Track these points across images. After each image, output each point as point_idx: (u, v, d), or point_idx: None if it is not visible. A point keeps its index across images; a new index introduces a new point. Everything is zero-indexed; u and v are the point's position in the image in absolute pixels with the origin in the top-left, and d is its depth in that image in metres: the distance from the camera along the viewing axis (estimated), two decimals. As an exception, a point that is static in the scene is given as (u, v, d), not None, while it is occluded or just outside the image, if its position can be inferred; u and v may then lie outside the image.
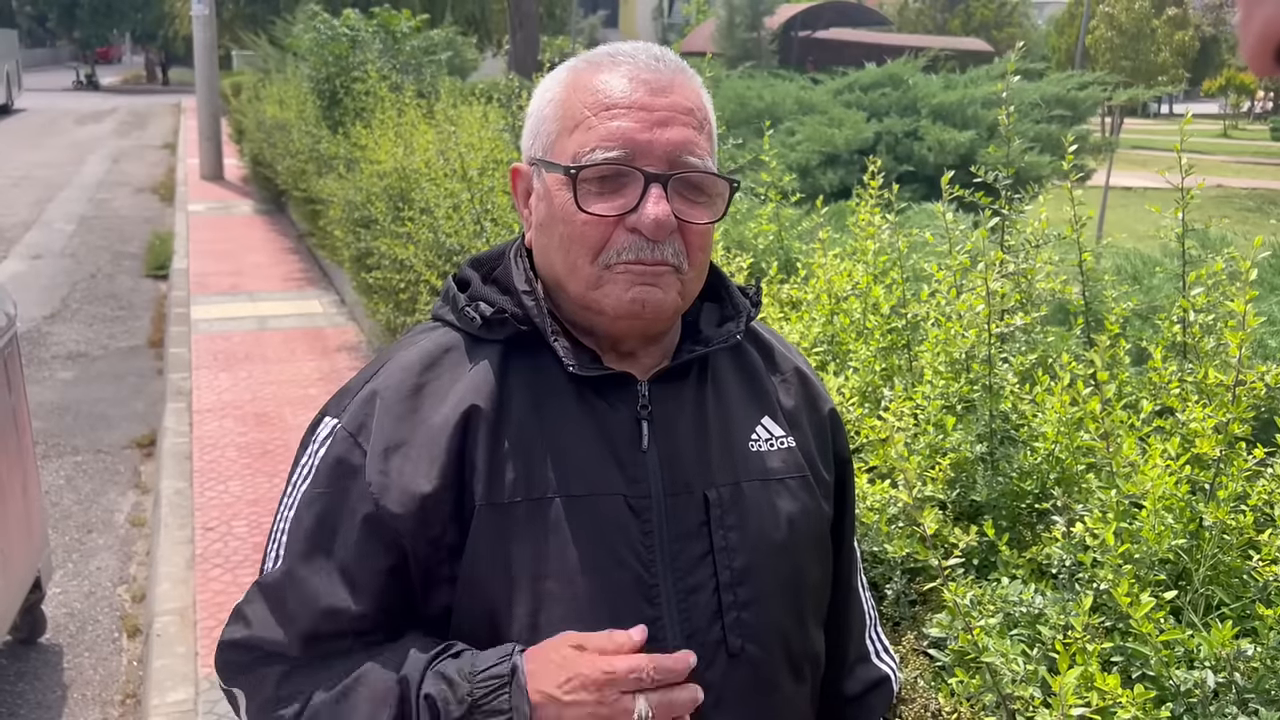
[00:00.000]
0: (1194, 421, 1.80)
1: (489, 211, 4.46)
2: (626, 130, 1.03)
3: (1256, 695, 1.45)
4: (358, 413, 1.08)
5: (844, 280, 2.65)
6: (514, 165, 1.15)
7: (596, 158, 1.03)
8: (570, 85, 1.09)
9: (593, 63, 1.10)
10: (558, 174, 1.05)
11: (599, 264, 1.05)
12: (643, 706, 0.97)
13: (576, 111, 1.06)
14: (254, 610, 1.08)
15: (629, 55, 1.08)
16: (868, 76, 10.26)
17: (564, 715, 0.96)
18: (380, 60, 8.57)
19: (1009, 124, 2.43)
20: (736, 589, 1.08)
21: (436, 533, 1.04)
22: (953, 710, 1.68)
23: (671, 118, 1.05)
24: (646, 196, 1.02)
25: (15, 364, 3.30)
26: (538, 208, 1.10)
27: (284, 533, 1.09)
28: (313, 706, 1.03)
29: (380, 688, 1.01)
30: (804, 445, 1.19)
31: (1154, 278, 3.55)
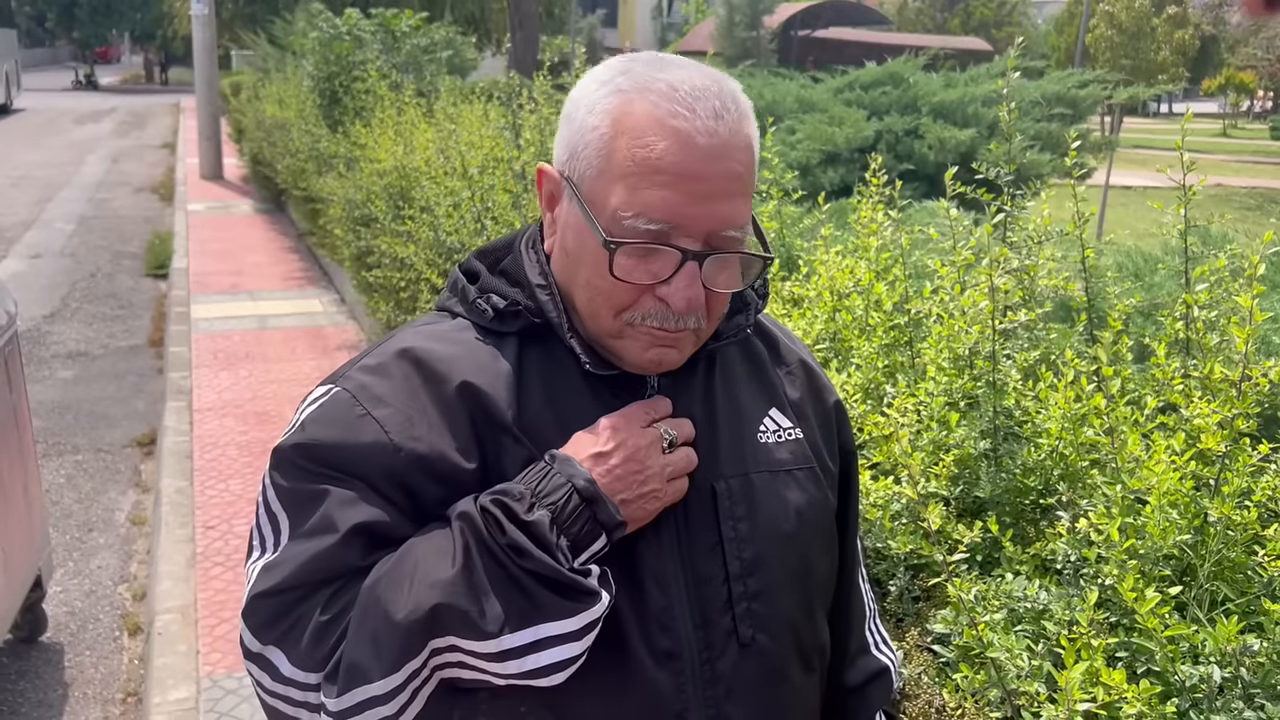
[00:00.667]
0: (1198, 417, 1.80)
1: (489, 210, 4.46)
2: (672, 203, 0.98)
3: (1262, 690, 1.45)
4: (363, 380, 1.06)
5: (846, 277, 2.65)
6: (541, 165, 1.09)
7: (637, 227, 0.98)
8: (619, 122, 1.00)
9: (646, 95, 1.00)
10: (592, 229, 1.01)
11: (621, 319, 1.04)
12: (665, 427, 1.06)
13: (622, 161, 0.99)
14: (280, 556, 1.02)
15: (688, 104, 0.98)
16: (868, 75, 10.26)
17: (611, 463, 1.01)
18: (380, 59, 8.57)
19: (1010, 120, 2.42)
20: (746, 579, 1.09)
21: (457, 496, 1.03)
22: (957, 706, 1.67)
23: (720, 189, 0.99)
24: (681, 273, 1.00)
25: (16, 363, 3.29)
26: (564, 232, 1.06)
27: (271, 498, 1.05)
28: (364, 589, 0.98)
29: (435, 541, 0.99)
30: (810, 437, 1.20)
31: (1155, 275, 3.55)
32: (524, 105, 5.27)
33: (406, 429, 1.03)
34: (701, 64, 1.05)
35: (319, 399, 1.08)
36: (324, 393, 1.08)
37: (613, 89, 1.02)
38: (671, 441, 1.05)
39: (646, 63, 1.03)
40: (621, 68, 1.04)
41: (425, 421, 1.03)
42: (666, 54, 1.06)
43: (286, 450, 1.05)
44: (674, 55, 1.05)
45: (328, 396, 1.07)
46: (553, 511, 0.98)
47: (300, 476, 1.04)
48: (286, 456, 1.05)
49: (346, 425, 1.03)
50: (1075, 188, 2.43)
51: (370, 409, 1.04)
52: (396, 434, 1.02)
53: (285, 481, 1.05)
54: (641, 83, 1.01)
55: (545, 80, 5.37)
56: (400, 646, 0.95)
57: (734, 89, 1.03)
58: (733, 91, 1.02)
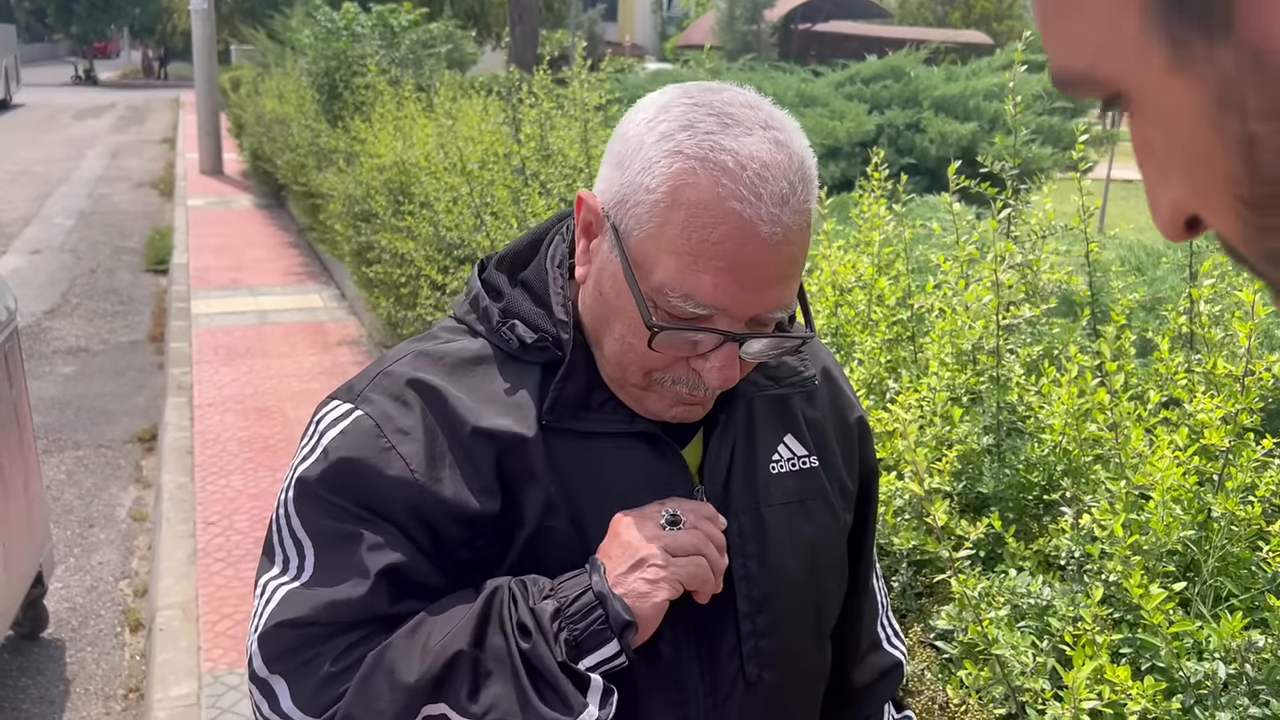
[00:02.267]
0: (1202, 412, 1.79)
1: (489, 205, 4.45)
2: (723, 290, 0.92)
3: (1267, 687, 1.44)
4: (387, 407, 1.02)
5: (848, 272, 2.64)
6: (582, 194, 1.01)
7: (683, 308, 0.94)
8: (677, 192, 0.92)
9: (711, 168, 0.91)
10: (635, 295, 0.95)
11: (650, 378, 1.00)
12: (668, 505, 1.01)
13: (676, 235, 0.92)
14: (305, 588, 1.00)
15: (754, 189, 0.90)
16: (869, 69, 10.25)
17: (639, 585, 0.96)
18: (380, 54, 8.56)
19: (1015, 113, 2.41)
20: (755, 617, 1.07)
21: (480, 542, 1.01)
22: (961, 703, 1.67)
23: (775, 276, 0.94)
24: (720, 351, 0.96)
25: (16, 359, 3.29)
26: (601, 276, 1.00)
27: (291, 518, 1.02)
28: (377, 652, 0.96)
29: (450, 608, 0.98)
30: (828, 459, 1.16)
31: (1159, 269, 3.54)
32: (523, 100, 5.26)
33: (430, 469, 1.00)
34: (770, 116, 0.95)
35: (340, 422, 1.03)
36: (344, 414, 1.04)
37: (673, 148, 0.93)
38: (673, 517, 0.99)
39: (711, 115, 0.93)
40: (683, 118, 0.93)
41: (446, 460, 1.00)
42: (730, 98, 0.95)
43: (312, 484, 1.02)
44: (739, 99, 0.96)
45: (350, 421, 1.03)
46: (560, 604, 0.95)
47: (328, 511, 1.01)
48: (312, 490, 1.01)
49: (373, 458, 1.00)
50: (1080, 181, 2.42)
51: (395, 443, 1.00)
52: (421, 472, 0.99)
53: (311, 512, 1.01)
54: (706, 151, 0.91)
55: (545, 75, 5.36)
56: (402, 708, 0.94)
57: (802, 157, 0.95)
58: (800, 162, 0.94)
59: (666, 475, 1.04)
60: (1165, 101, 0.38)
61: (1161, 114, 0.39)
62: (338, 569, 0.99)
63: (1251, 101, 0.35)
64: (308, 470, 1.02)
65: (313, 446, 1.04)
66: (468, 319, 1.10)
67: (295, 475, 1.03)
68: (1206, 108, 0.37)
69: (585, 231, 1.02)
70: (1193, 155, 0.39)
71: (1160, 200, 0.42)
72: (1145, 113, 0.41)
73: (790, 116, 0.98)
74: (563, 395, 1.02)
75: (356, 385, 1.07)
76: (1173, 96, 0.38)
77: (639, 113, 0.98)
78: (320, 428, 1.04)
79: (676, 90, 0.97)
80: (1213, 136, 0.37)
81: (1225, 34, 0.35)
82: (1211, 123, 0.37)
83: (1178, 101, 0.38)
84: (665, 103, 0.96)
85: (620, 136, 0.99)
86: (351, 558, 0.99)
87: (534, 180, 4.49)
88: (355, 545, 0.99)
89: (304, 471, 1.03)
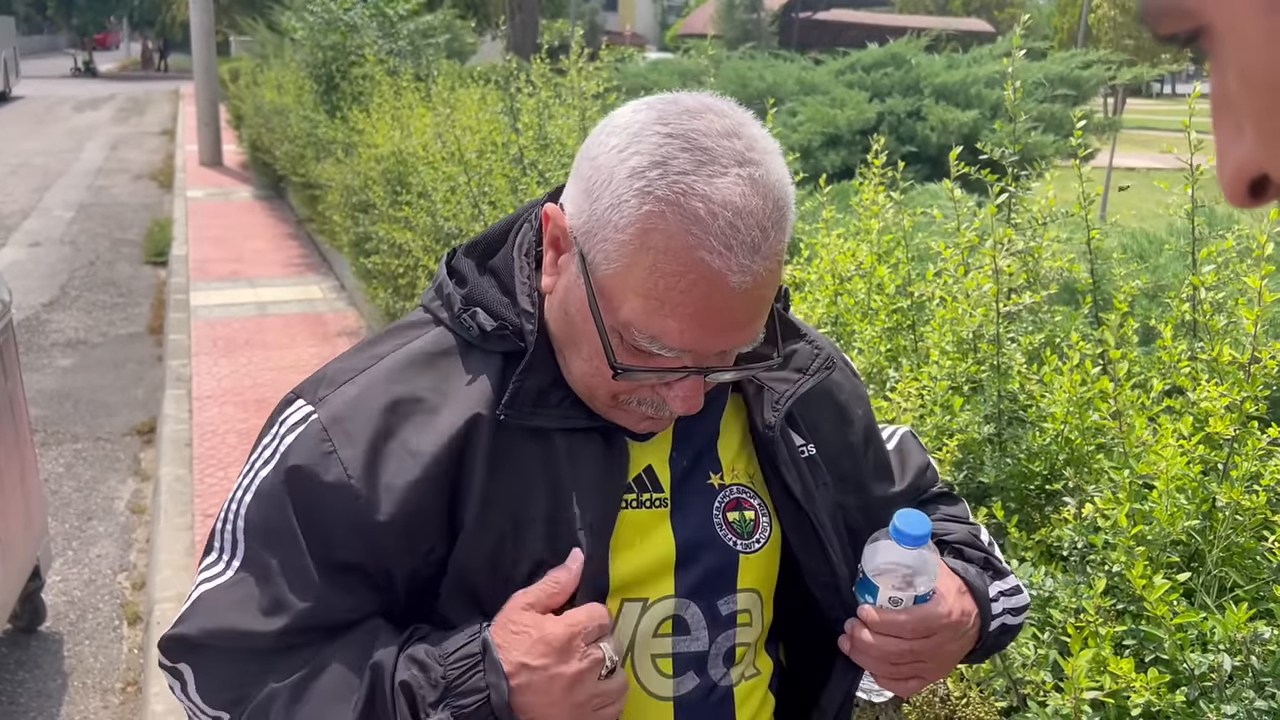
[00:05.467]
0: (1206, 400, 1.77)
1: (486, 195, 4.42)
2: (689, 335, 0.91)
3: (1273, 679, 1.42)
4: (339, 410, 1.01)
5: (848, 260, 2.62)
6: (549, 210, 0.98)
7: (649, 349, 0.93)
8: (646, 236, 0.89)
9: (681, 211, 0.88)
10: (598, 333, 0.94)
11: (617, 399, 1.00)
12: (609, 651, 0.96)
13: (643, 278, 0.90)
14: (211, 600, 1.02)
15: (724, 239, 0.87)
16: (870, 57, 10.19)
17: (537, 681, 0.94)
18: (377, 44, 8.52)
19: (1015, 100, 2.39)
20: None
21: (424, 547, 1.00)
22: (962, 695, 1.65)
23: (745, 319, 0.93)
24: (685, 382, 0.96)
25: (11, 351, 3.27)
26: (567, 296, 0.98)
27: (239, 517, 1.04)
28: (266, 695, 0.98)
29: (345, 677, 0.97)
30: (826, 449, 1.14)
31: (1161, 256, 3.52)
32: (521, 89, 5.23)
33: (368, 475, 0.98)
34: (747, 148, 0.90)
35: (297, 427, 1.02)
36: (302, 418, 1.03)
37: (644, 188, 0.88)
38: (613, 669, 0.96)
39: (685, 151, 0.89)
40: (655, 153, 0.89)
41: (389, 465, 0.98)
42: (705, 126, 0.90)
43: (264, 485, 1.02)
44: (714, 127, 0.90)
45: (305, 426, 1.02)
46: (455, 715, 0.93)
47: (269, 518, 1.01)
48: (264, 491, 1.02)
49: (316, 464, 0.99)
50: (1080, 168, 2.40)
51: (338, 446, 0.99)
52: (358, 478, 0.98)
53: (256, 514, 1.02)
54: (676, 195, 0.87)
55: (544, 64, 5.33)
56: None
57: (779, 195, 0.90)
58: (775, 202, 0.90)
59: (609, 470, 1.02)
60: (1257, 41, 0.37)
61: (1249, 55, 0.38)
62: (261, 580, 1.00)
63: None
64: (262, 473, 1.03)
65: (273, 450, 1.03)
66: (432, 306, 1.08)
67: (253, 475, 1.03)
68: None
69: (553, 245, 0.99)
70: (1269, 90, 0.37)
71: (1228, 158, 0.41)
72: (1231, 52, 0.39)
73: (770, 138, 0.94)
74: (521, 389, 1.00)
75: (320, 388, 1.05)
76: (1267, 36, 0.36)
77: (611, 137, 0.93)
78: (280, 431, 1.04)
79: (650, 114, 0.92)
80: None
81: None
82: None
83: (1271, 43, 0.36)
84: (638, 130, 0.91)
85: (590, 159, 0.95)
86: (268, 590, 0.99)
87: (532, 169, 4.46)
88: (287, 554, 0.99)
89: (260, 473, 1.03)
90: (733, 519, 1.07)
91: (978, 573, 1.13)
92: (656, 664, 1.04)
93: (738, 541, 1.07)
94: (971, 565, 1.15)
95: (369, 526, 0.98)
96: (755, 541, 1.07)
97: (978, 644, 1.12)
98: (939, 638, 1.06)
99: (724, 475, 1.08)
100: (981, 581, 1.12)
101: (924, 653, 1.06)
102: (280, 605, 0.99)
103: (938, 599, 1.06)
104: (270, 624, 0.99)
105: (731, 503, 1.08)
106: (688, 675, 1.05)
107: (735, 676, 1.08)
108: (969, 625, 1.09)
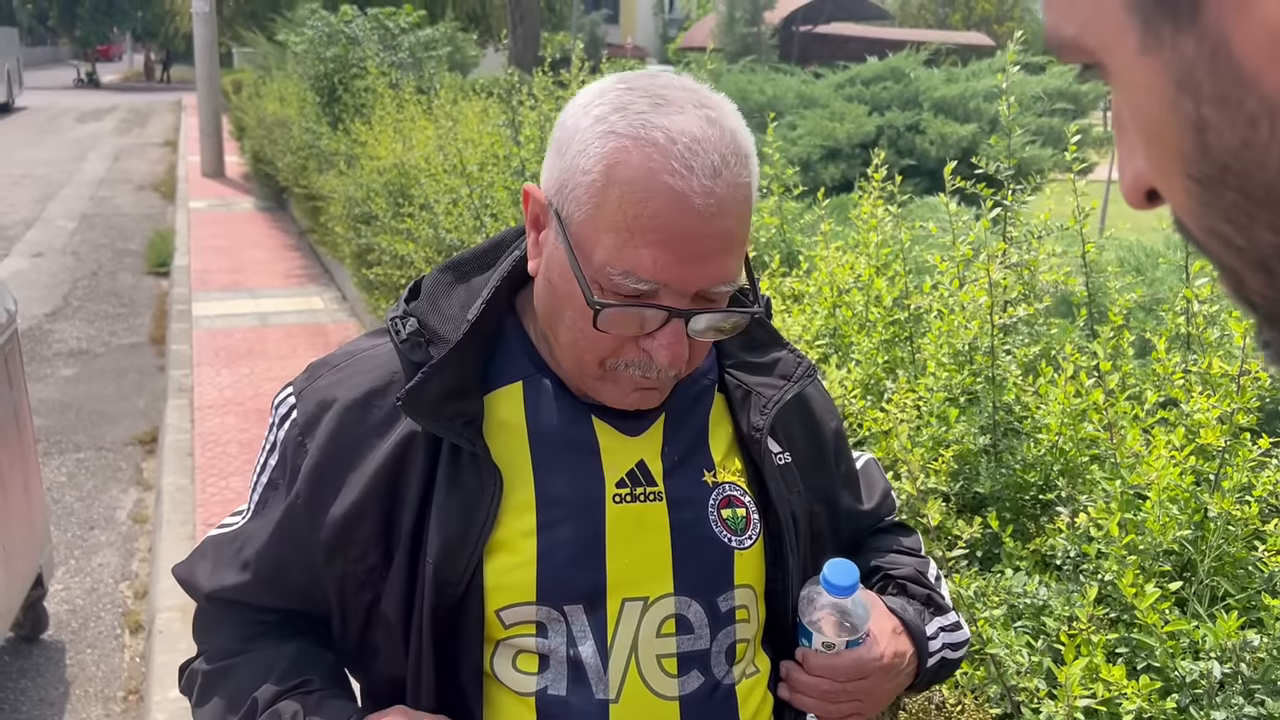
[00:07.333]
0: (1198, 412, 1.79)
1: (488, 207, 4.45)
2: (662, 264, 0.94)
3: (1263, 686, 1.44)
4: (312, 410, 1.09)
5: (846, 273, 2.64)
6: (528, 187, 1.03)
7: (625, 285, 0.95)
8: (611, 170, 0.94)
9: (643, 146, 0.93)
10: (578, 279, 0.97)
11: (605, 366, 1.01)
12: None
13: (613, 213, 0.94)
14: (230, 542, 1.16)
15: (685, 161, 0.92)
16: (869, 70, 10.24)
17: None
18: (379, 56, 8.56)
19: (1010, 115, 2.41)
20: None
21: (356, 553, 1.05)
22: (956, 702, 1.67)
23: (713, 249, 0.95)
24: (666, 329, 0.97)
25: (16, 361, 3.29)
26: (549, 265, 1.01)
27: (256, 489, 1.14)
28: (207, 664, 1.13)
29: (241, 691, 1.08)
30: (800, 456, 1.17)
31: (1157, 270, 3.54)
32: (523, 102, 5.26)
33: (316, 484, 1.06)
34: (704, 97, 0.98)
35: (288, 417, 1.11)
36: (287, 411, 1.12)
37: (607, 129, 0.95)
38: None
39: (644, 97, 0.96)
40: (616, 102, 0.96)
41: (336, 476, 1.06)
42: (665, 81, 0.98)
43: (278, 450, 1.12)
44: (674, 82, 0.98)
45: (289, 423, 1.11)
46: None
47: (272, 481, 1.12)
48: (277, 452, 1.12)
49: (293, 454, 1.09)
50: (1075, 182, 2.42)
51: (305, 439, 1.08)
52: (303, 491, 1.07)
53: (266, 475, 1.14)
54: (637, 129, 0.93)
55: (545, 76, 5.36)
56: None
57: (735, 133, 0.96)
58: (733, 138, 0.96)
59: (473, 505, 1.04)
60: (1135, 78, 0.42)
61: (1131, 90, 0.43)
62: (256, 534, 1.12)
63: (1206, 87, 0.38)
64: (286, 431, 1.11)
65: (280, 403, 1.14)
66: (393, 317, 1.12)
67: (273, 441, 1.14)
68: (1167, 89, 0.40)
69: (534, 224, 1.04)
70: (1152, 131, 0.42)
71: (1126, 169, 0.46)
72: (1119, 87, 0.44)
73: (727, 100, 1.01)
74: (428, 383, 1.02)
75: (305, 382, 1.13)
76: (1141, 75, 0.41)
77: (577, 99, 1.01)
78: (276, 405, 1.15)
79: (614, 78, 1.00)
80: (1170, 116, 0.40)
81: (1191, 23, 0.38)
82: (1170, 103, 0.40)
83: (1145, 80, 0.41)
84: (602, 89, 0.99)
85: (560, 124, 1.01)
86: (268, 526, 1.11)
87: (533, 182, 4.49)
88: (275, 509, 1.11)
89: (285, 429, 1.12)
90: (726, 516, 1.10)
91: (917, 611, 1.18)
92: (661, 664, 1.06)
93: (732, 538, 1.09)
94: (913, 603, 1.19)
95: (306, 530, 1.07)
96: (747, 538, 1.10)
97: (916, 678, 1.18)
98: (872, 679, 1.11)
99: (717, 473, 1.11)
100: (920, 620, 1.17)
101: (858, 692, 1.11)
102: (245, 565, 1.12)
103: (871, 642, 1.11)
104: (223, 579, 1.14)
105: (725, 500, 1.10)
106: (692, 674, 1.07)
107: (737, 674, 1.10)
108: (904, 664, 1.14)
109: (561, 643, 1.04)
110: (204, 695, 1.12)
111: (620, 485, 1.06)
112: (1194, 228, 0.43)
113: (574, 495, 1.05)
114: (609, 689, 1.03)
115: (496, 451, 1.04)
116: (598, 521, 1.05)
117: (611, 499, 1.06)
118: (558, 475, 1.06)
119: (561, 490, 1.05)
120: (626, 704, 1.03)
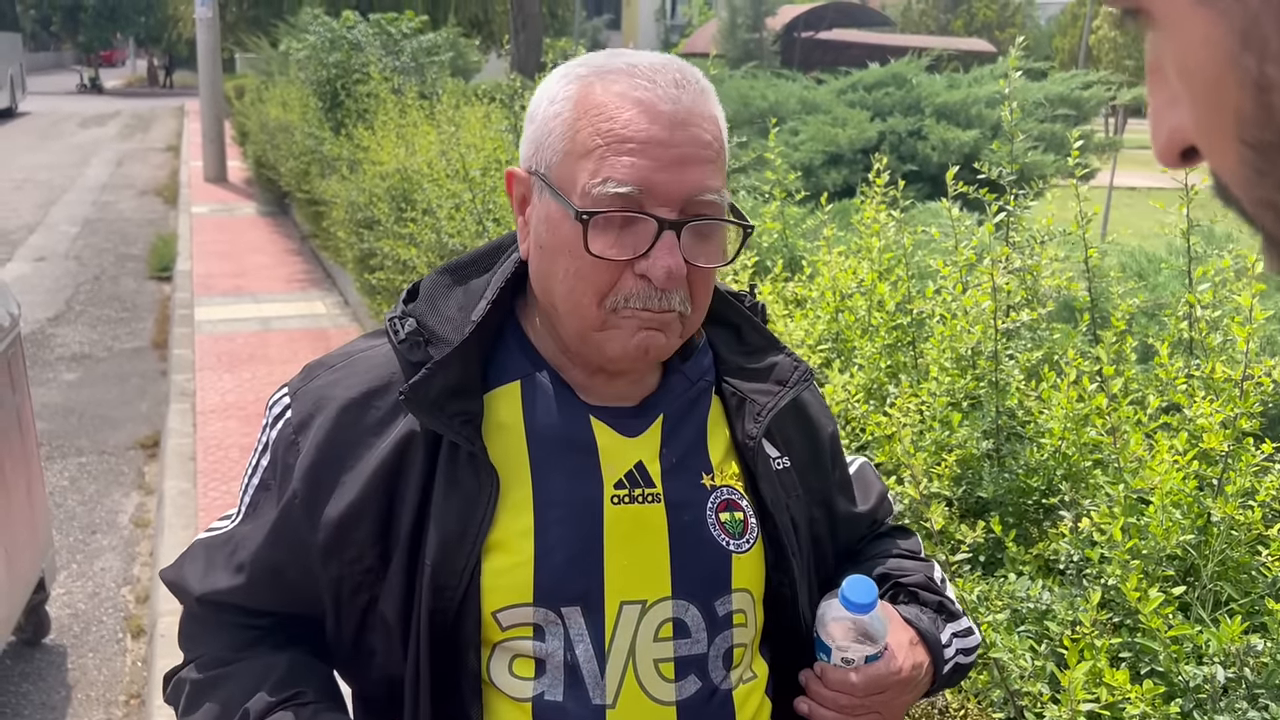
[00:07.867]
0: (1201, 417, 1.79)
1: (491, 212, 4.46)
2: (640, 168, 0.96)
3: (1267, 690, 1.44)
4: (307, 410, 1.09)
5: (849, 277, 2.64)
6: (510, 169, 1.07)
7: (608, 191, 0.96)
8: (580, 104, 0.99)
9: (605, 77, 1.00)
10: (564, 209, 0.99)
11: (605, 307, 1.01)
12: None
13: (586, 138, 0.98)
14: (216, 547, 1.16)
15: (648, 76, 0.99)
16: (871, 76, 10.25)
17: None
18: (381, 61, 8.58)
19: (1013, 120, 2.42)
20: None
21: (353, 554, 1.05)
22: (960, 707, 1.67)
23: (690, 155, 0.98)
24: (659, 243, 0.97)
25: (19, 365, 3.30)
26: (538, 228, 1.03)
27: (247, 491, 1.14)
28: (180, 679, 1.15)
29: (233, 700, 1.08)
30: (798, 460, 1.18)
31: (1159, 275, 3.54)
32: (526, 107, 5.27)
33: (312, 487, 1.06)
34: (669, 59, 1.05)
35: (281, 417, 1.11)
36: (283, 410, 1.12)
37: (572, 78, 1.02)
38: None
39: (604, 54, 1.05)
40: (579, 61, 1.05)
41: (332, 479, 1.06)
42: (629, 52, 1.05)
43: (267, 451, 1.12)
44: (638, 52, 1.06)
45: (282, 422, 1.11)
46: None
47: (263, 483, 1.12)
48: (269, 454, 1.12)
49: (287, 455, 1.09)
50: (1078, 187, 2.43)
51: (299, 437, 1.08)
52: (300, 494, 1.06)
53: (255, 475, 1.13)
54: (599, 67, 1.02)
55: (547, 82, 5.36)
56: None
57: (694, 69, 1.03)
58: (692, 70, 1.03)
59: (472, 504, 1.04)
60: (1188, 28, 0.38)
61: (1182, 42, 0.39)
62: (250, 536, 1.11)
63: (1274, 43, 0.35)
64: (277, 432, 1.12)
65: (272, 406, 1.14)
66: (392, 318, 1.13)
67: (265, 442, 1.13)
68: (1228, 43, 0.37)
69: (520, 206, 1.06)
70: (1204, 88, 0.39)
71: (1161, 124, 0.42)
72: (1165, 36, 0.40)
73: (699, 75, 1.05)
74: (431, 379, 1.02)
75: (300, 383, 1.13)
76: (1197, 25, 0.38)
77: (543, 82, 1.08)
78: (270, 407, 1.15)
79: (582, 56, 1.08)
80: (1228, 73, 0.37)
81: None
82: (1230, 59, 0.37)
83: (1200, 31, 0.38)
84: (568, 63, 1.06)
85: (530, 104, 1.07)
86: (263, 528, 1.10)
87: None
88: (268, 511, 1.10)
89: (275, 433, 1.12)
90: (724, 519, 1.09)
91: (931, 619, 1.18)
92: (659, 669, 1.06)
93: (730, 541, 1.09)
94: (926, 611, 1.20)
95: (304, 531, 1.07)
96: (745, 542, 1.10)
97: (931, 687, 1.18)
98: (891, 692, 1.11)
99: (715, 477, 1.11)
100: (935, 628, 1.17)
101: (877, 705, 1.11)
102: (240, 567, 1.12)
103: (888, 657, 1.11)
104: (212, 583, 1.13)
105: (723, 503, 1.10)
106: (689, 679, 1.07)
107: (734, 679, 1.10)
108: (921, 675, 1.14)
109: (559, 646, 1.03)
110: (193, 703, 1.11)
111: (619, 486, 1.06)
112: (1243, 196, 0.40)
113: (572, 496, 1.05)
114: (606, 694, 1.03)
115: (494, 451, 1.04)
116: (595, 522, 1.04)
117: (610, 500, 1.05)
118: (555, 475, 1.05)
119: (559, 490, 1.05)
120: (623, 709, 1.03)
